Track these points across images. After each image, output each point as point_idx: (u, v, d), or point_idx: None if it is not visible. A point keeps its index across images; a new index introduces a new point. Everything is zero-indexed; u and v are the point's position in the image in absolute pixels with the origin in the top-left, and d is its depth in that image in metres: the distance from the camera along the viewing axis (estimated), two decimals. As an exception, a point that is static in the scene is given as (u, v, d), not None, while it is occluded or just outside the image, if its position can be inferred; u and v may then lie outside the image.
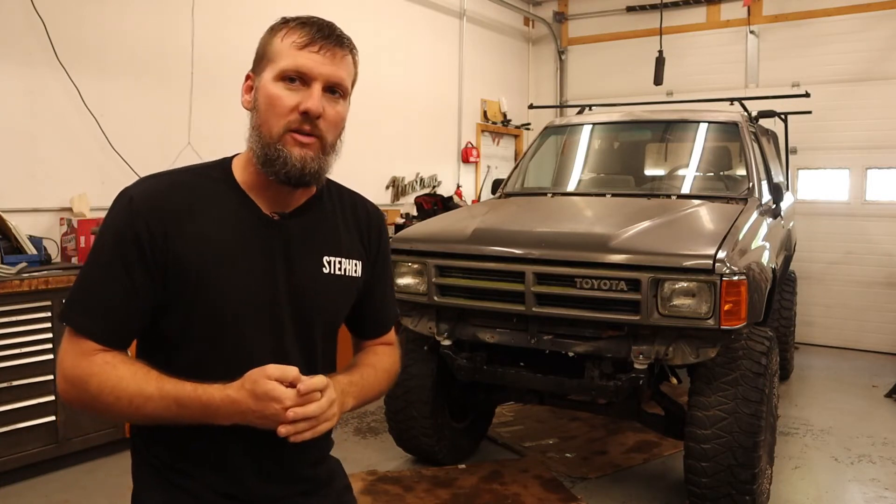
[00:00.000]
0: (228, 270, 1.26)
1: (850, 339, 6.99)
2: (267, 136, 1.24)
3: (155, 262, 1.23)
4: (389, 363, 1.53)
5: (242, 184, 1.31)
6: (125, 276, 1.22)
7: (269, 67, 1.25)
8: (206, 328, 1.26)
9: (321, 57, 1.24)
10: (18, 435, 3.51)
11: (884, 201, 6.85)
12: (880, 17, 6.76)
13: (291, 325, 1.32)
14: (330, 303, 1.37)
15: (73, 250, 4.10)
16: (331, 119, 1.26)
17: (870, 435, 4.56)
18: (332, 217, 1.40)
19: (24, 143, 4.07)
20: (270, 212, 1.31)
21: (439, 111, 7.45)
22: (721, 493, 3.12)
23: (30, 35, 4.05)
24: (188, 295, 1.24)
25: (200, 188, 1.29)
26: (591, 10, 8.39)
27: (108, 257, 1.23)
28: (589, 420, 4.68)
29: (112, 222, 1.25)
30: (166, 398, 1.18)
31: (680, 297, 3.06)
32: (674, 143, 4.95)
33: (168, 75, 4.72)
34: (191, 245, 1.24)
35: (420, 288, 3.58)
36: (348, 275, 1.38)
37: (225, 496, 1.31)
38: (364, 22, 6.40)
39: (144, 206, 1.23)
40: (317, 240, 1.35)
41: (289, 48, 1.24)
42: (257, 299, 1.28)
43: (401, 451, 4.05)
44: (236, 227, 1.28)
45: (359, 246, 1.43)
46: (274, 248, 1.30)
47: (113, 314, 1.23)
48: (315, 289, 1.34)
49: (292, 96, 1.23)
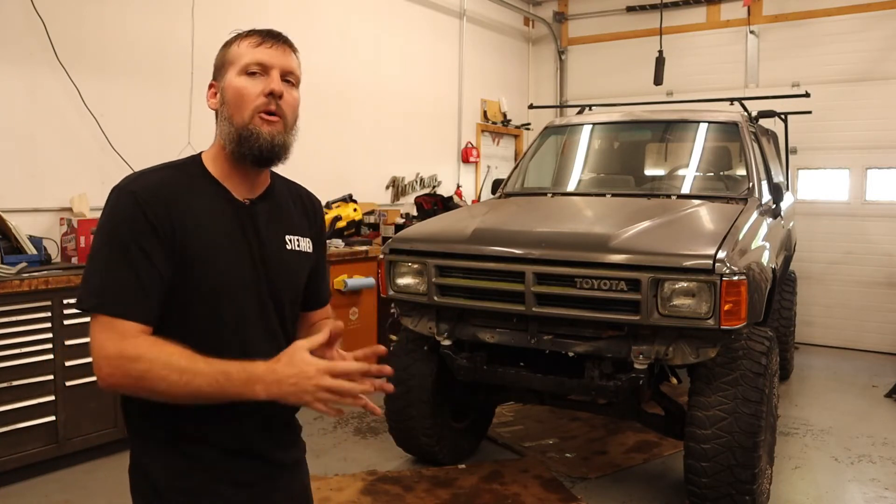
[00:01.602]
0: (219, 250, 1.43)
1: (850, 339, 7.00)
2: (239, 120, 1.44)
3: (170, 247, 1.37)
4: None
5: (215, 174, 1.49)
6: (146, 259, 1.35)
7: (231, 69, 1.47)
8: (207, 303, 1.41)
9: (275, 51, 1.46)
10: (18, 435, 3.51)
11: (884, 201, 6.86)
12: (880, 17, 6.76)
13: (269, 297, 1.50)
14: (294, 274, 1.57)
15: (73, 250, 4.10)
16: (289, 101, 1.47)
17: (870, 435, 4.56)
18: (286, 203, 1.60)
19: (24, 143, 4.07)
20: (241, 198, 1.50)
21: (439, 111, 7.46)
22: (721, 493, 3.12)
23: (30, 35, 4.05)
24: (193, 273, 1.39)
25: (184, 181, 1.46)
26: (591, 10, 8.39)
27: (125, 245, 1.35)
28: (589, 420, 4.69)
29: (121, 214, 1.37)
30: (214, 371, 1.30)
31: (680, 297, 3.06)
32: (674, 143, 4.95)
33: (168, 75, 4.72)
34: (190, 230, 1.40)
35: (420, 288, 3.58)
36: (304, 251, 1.59)
37: (229, 452, 1.45)
38: (364, 22, 6.40)
39: (150, 197, 1.38)
40: (279, 221, 1.55)
41: (246, 49, 1.46)
42: (244, 273, 1.46)
43: (401, 451, 4.05)
44: (217, 212, 1.46)
45: (308, 227, 1.63)
46: (247, 228, 1.48)
47: (143, 294, 1.35)
48: (282, 263, 1.53)
49: (256, 84, 1.44)
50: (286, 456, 1.57)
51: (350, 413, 4.86)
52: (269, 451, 1.52)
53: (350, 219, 5.85)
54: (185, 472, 1.43)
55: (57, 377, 3.63)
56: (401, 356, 3.85)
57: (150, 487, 1.44)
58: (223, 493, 1.45)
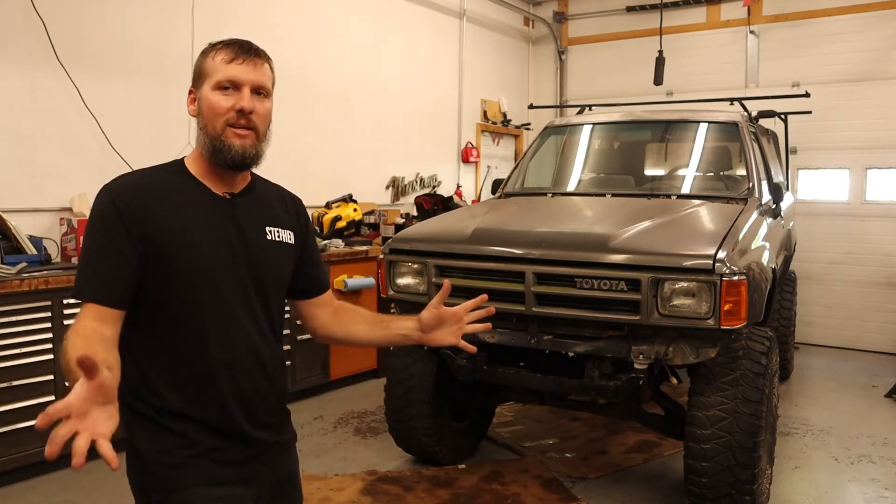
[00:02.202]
0: (198, 238, 1.55)
1: (850, 339, 7.00)
2: (212, 132, 1.56)
3: (139, 233, 1.49)
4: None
5: (195, 174, 1.62)
6: (114, 247, 1.48)
7: (206, 82, 1.57)
8: (188, 288, 1.53)
9: (246, 67, 1.56)
10: (18, 435, 3.51)
11: (884, 201, 6.85)
12: (880, 17, 6.76)
13: (250, 280, 1.61)
14: (275, 261, 1.68)
15: (73, 250, 4.09)
16: (261, 113, 1.59)
17: (870, 435, 4.56)
18: (266, 199, 1.72)
19: (24, 143, 4.07)
20: (221, 193, 1.62)
21: (439, 111, 7.46)
22: (721, 493, 3.12)
23: (30, 35, 4.05)
24: (169, 258, 1.51)
25: (163, 178, 1.60)
26: (591, 10, 8.39)
27: (98, 236, 1.50)
28: (589, 420, 4.69)
29: (97, 209, 1.52)
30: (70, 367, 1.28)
31: (680, 297, 3.06)
32: (674, 143, 4.95)
33: (168, 75, 4.72)
34: (167, 218, 1.52)
35: (420, 288, 3.58)
36: (285, 241, 1.70)
37: (214, 431, 1.55)
38: (364, 22, 6.40)
39: (123, 190, 1.53)
40: (259, 214, 1.67)
41: (220, 64, 1.56)
42: (224, 260, 1.57)
43: (401, 451, 4.05)
44: (197, 204, 1.58)
45: (289, 221, 1.75)
46: (227, 219, 1.60)
47: (110, 279, 1.48)
48: (262, 251, 1.64)
49: (228, 99, 1.55)
50: (270, 437, 1.65)
51: (350, 413, 4.86)
52: (252, 431, 1.60)
53: (350, 219, 5.85)
54: (171, 449, 1.52)
55: (57, 377, 3.63)
56: (401, 356, 3.85)
57: (138, 463, 1.54)
58: (208, 469, 1.54)
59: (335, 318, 1.85)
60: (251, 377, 1.60)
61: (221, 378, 1.55)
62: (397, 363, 3.84)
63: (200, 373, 1.54)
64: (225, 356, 1.56)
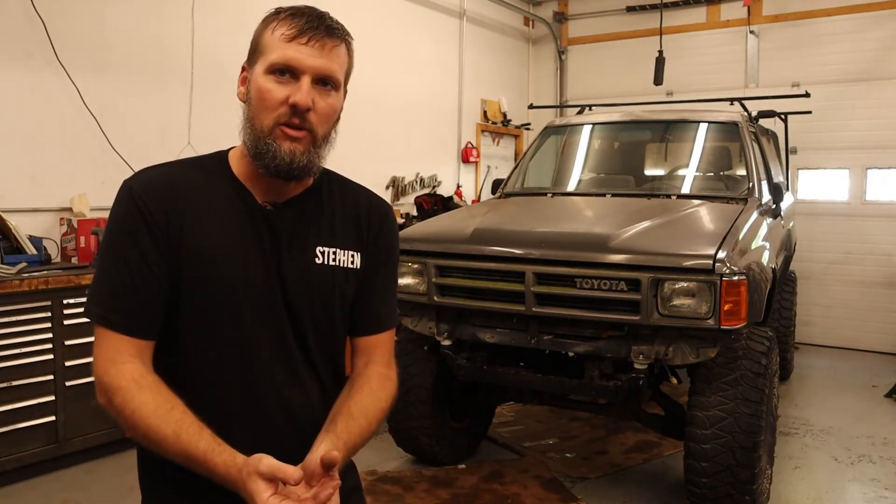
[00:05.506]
0: (225, 256, 1.26)
1: (850, 339, 6.99)
2: (258, 130, 1.23)
3: (168, 246, 1.23)
4: (380, 405, 1.42)
5: (238, 174, 1.31)
6: (140, 260, 1.22)
7: (260, 60, 1.24)
8: (204, 316, 1.26)
9: (310, 49, 1.21)
10: (18, 435, 3.51)
11: (884, 201, 6.85)
12: (880, 17, 6.76)
13: (286, 314, 1.30)
14: (319, 293, 1.33)
15: (73, 250, 4.10)
16: (322, 112, 1.24)
17: (870, 435, 4.56)
18: (329, 207, 1.37)
19: (24, 143, 4.07)
20: (264, 201, 1.30)
21: (439, 111, 7.45)
22: (721, 493, 3.12)
23: (30, 35, 4.05)
24: (189, 279, 1.24)
25: (196, 178, 1.30)
26: (591, 10, 8.39)
27: (121, 245, 1.23)
28: (589, 420, 4.68)
29: (118, 211, 1.26)
30: (178, 448, 1.16)
31: (680, 297, 3.06)
32: (674, 143, 4.95)
33: (168, 75, 4.72)
34: (189, 229, 1.25)
35: (420, 288, 3.58)
36: (342, 266, 1.35)
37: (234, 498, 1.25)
38: (364, 22, 6.39)
39: (147, 191, 1.25)
40: (310, 230, 1.33)
41: (278, 41, 1.22)
42: (251, 286, 1.27)
43: (401, 451, 4.05)
44: (230, 215, 1.28)
45: (356, 236, 1.39)
46: (264, 237, 1.29)
47: (138, 305, 1.22)
48: (305, 278, 1.31)
49: (281, 89, 1.21)
50: None
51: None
52: None
53: (350, 219, 5.84)
54: None
55: (57, 377, 3.63)
56: (401, 356, 3.85)
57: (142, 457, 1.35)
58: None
59: (351, 380, 1.42)
60: (275, 434, 1.29)
61: (235, 432, 1.22)
62: (397, 363, 3.83)
63: (211, 426, 1.20)
64: (241, 408, 1.27)
